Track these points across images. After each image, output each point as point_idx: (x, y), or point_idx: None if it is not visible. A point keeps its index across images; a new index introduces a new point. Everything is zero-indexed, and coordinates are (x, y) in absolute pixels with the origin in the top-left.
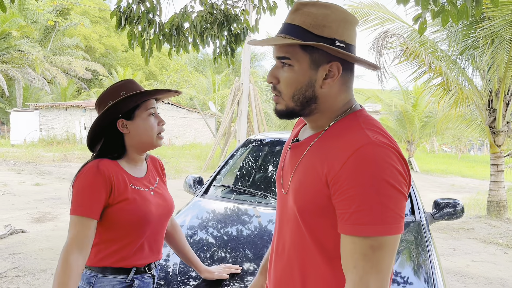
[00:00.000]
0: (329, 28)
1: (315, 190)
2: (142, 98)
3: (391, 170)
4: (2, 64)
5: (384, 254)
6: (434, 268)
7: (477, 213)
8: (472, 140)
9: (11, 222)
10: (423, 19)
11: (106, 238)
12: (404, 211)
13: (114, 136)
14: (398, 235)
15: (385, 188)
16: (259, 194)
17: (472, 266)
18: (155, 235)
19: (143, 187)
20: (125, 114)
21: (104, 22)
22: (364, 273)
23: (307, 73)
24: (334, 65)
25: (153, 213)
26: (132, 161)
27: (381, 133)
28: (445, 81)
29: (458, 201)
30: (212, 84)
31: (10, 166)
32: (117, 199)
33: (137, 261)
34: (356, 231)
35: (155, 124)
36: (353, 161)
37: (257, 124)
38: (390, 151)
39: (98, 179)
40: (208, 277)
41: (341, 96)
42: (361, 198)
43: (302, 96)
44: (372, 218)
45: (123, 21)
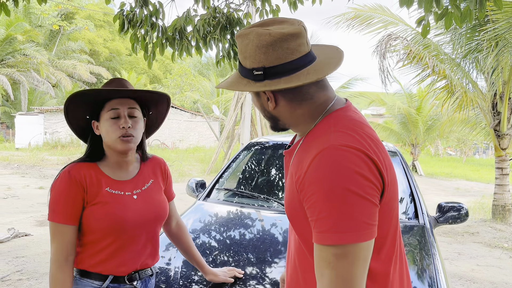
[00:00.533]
0: (250, 58)
1: (292, 198)
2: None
3: (350, 174)
4: (7, 68)
5: (349, 263)
6: (438, 273)
7: (482, 217)
8: (477, 143)
9: (15, 225)
10: (426, 22)
11: (83, 241)
12: (370, 216)
13: (94, 137)
14: (362, 243)
15: (344, 194)
16: (262, 198)
17: (477, 271)
18: (136, 242)
19: (124, 190)
20: (94, 115)
21: (109, 26)
22: (330, 282)
23: (257, 100)
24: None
25: (129, 218)
26: (114, 163)
27: (349, 133)
28: (449, 84)
29: (462, 205)
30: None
31: (15, 169)
32: (90, 203)
33: (115, 269)
34: (319, 239)
35: (114, 126)
36: (313, 167)
37: (260, 127)
38: (352, 154)
39: (71, 185)
40: (213, 279)
41: (298, 110)
42: (320, 206)
43: (267, 116)
44: (332, 226)
45: (126, 25)
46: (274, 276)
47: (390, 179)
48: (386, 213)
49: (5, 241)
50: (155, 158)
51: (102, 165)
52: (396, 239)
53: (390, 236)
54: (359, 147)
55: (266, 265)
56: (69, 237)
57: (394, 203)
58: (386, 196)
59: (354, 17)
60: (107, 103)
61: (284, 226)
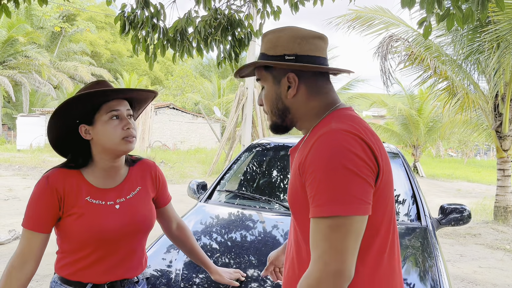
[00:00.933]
0: (281, 46)
1: (295, 183)
2: (100, 100)
3: (345, 153)
4: (9, 69)
5: (342, 234)
6: (441, 274)
7: (484, 219)
8: (478, 145)
9: (16, 227)
10: (427, 23)
11: (63, 249)
12: (364, 193)
13: (79, 143)
14: (356, 216)
15: (339, 170)
16: (263, 199)
17: (479, 272)
18: (117, 253)
19: (106, 200)
20: (85, 119)
21: (110, 28)
22: (323, 252)
23: (273, 88)
24: (290, 76)
25: (108, 229)
26: (100, 170)
27: (348, 122)
28: (450, 85)
29: (464, 207)
30: (217, 89)
31: (16, 171)
32: (66, 212)
33: (95, 277)
34: (315, 212)
35: (118, 127)
36: (314, 148)
37: (261, 128)
38: (349, 137)
39: (46, 192)
40: (218, 279)
41: (314, 101)
42: (319, 181)
43: (276, 109)
44: (328, 199)
45: (127, 26)
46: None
47: (384, 166)
48: (380, 201)
49: (6, 242)
50: (145, 162)
51: (86, 172)
52: (389, 233)
53: (383, 227)
54: (356, 132)
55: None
56: (33, 244)
57: (388, 192)
58: (380, 182)
59: (355, 18)
60: (104, 105)
61: (285, 228)
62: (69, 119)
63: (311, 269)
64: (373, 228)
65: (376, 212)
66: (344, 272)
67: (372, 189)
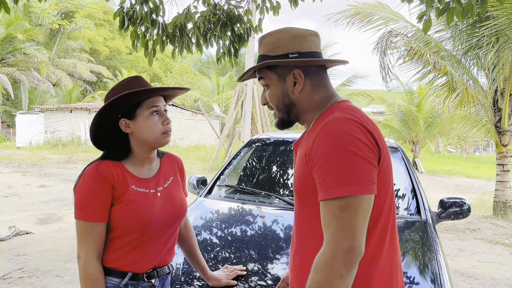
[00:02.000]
0: (283, 46)
1: (302, 171)
2: (143, 96)
3: (350, 138)
4: (7, 67)
5: (352, 213)
6: (441, 268)
7: (483, 214)
8: (478, 141)
9: (16, 223)
10: (427, 17)
11: (107, 237)
12: (369, 174)
13: (118, 136)
14: (364, 195)
15: (345, 154)
16: (263, 194)
17: (479, 267)
18: (158, 240)
19: (149, 188)
20: (127, 114)
21: (109, 25)
22: (335, 231)
23: (278, 86)
24: (295, 72)
25: (154, 216)
26: (138, 161)
27: (349, 112)
28: (450, 81)
29: (464, 201)
30: (216, 86)
31: (16, 168)
32: (117, 200)
33: (134, 265)
34: (325, 195)
35: (158, 122)
36: (319, 136)
37: (261, 125)
38: (351, 124)
39: (99, 182)
40: (216, 285)
41: (317, 94)
42: (326, 166)
43: (283, 105)
44: (336, 182)
45: (126, 22)
46: (276, 272)
47: (385, 151)
48: (382, 184)
49: (6, 239)
50: (171, 155)
51: (126, 163)
52: (390, 216)
53: (384, 213)
54: (358, 120)
55: (268, 261)
56: (100, 235)
57: (389, 177)
58: (382, 165)
59: (354, 14)
60: (145, 101)
61: (285, 222)
62: (112, 114)
63: (325, 248)
64: (377, 209)
65: (379, 193)
66: (356, 248)
67: (376, 170)
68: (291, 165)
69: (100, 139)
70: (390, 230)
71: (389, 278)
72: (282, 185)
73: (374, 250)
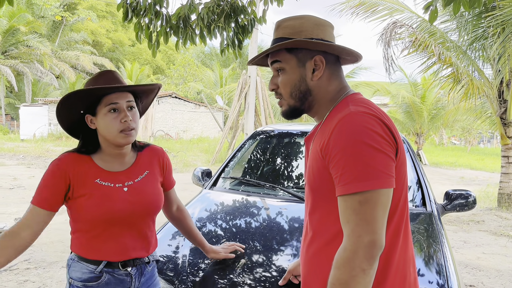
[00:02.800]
0: (306, 31)
1: (317, 167)
2: (100, 93)
3: (367, 132)
4: (10, 59)
5: (371, 207)
6: (447, 260)
7: (487, 206)
8: (482, 132)
9: (21, 215)
10: (434, 8)
11: (75, 228)
12: (388, 167)
13: (87, 131)
14: (383, 189)
15: (363, 148)
16: (268, 186)
17: (483, 259)
18: (129, 232)
19: (115, 182)
20: (89, 110)
21: (111, 17)
22: (355, 225)
23: (297, 70)
24: (317, 58)
25: (117, 209)
26: (108, 156)
27: (364, 105)
28: (455, 72)
29: (470, 192)
30: (219, 78)
31: (20, 160)
32: (76, 194)
33: (108, 256)
34: (344, 190)
35: (116, 120)
36: (336, 131)
37: (264, 117)
38: (368, 117)
39: (56, 173)
40: (214, 257)
41: (332, 85)
42: (344, 161)
43: (298, 91)
44: (355, 176)
45: (130, 13)
46: (280, 264)
47: (401, 144)
48: (398, 178)
49: None
50: (153, 148)
51: (96, 157)
52: (404, 213)
53: (400, 206)
54: (373, 113)
55: (272, 252)
56: (35, 218)
57: (404, 170)
58: (398, 158)
59: (358, 4)
60: (104, 97)
61: (289, 214)
62: (73, 110)
63: (345, 243)
64: (394, 202)
65: (396, 187)
66: (377, 242)
67: (394, 163)
68: (296, 157)
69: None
70: (404, 223)
71: (403, 270)
72: (287, 177)
73: (390, 243)
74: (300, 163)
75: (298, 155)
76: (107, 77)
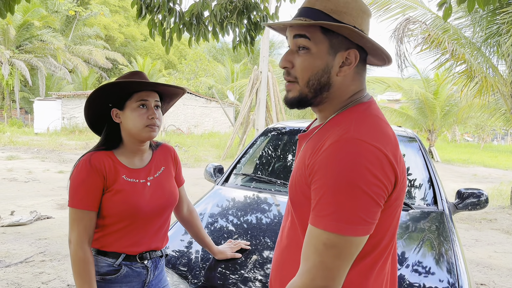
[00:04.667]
0: (350, 16)
1: (300, 180)
2: (133, 89)
3: (360, 169)
4: (25, 53)
5: (335, 253)
6: (457, 259)
7: (500, 204)
8: (496, 129)
9: (37, 208)
10: (448, 5)
11: (100, 223)
12: (370, 215)
13: (111, 125)
14: (353, 237)
15: (349, 188)
16: (279, 183)
17: (495, 257)
18: (149, 226)
19: (139, 178)
20: (117, 104)
21: (124, 12)
22: (313, 267)
23: (324, 57)
24: (352, 52)
25: (143, 205)
26: (130, 152)
27: (368, 128)
28: (468, 69)
29: (482, 191)
30: (231, 73)
31: (35, 154)
32: (107, 189)
33: (127, 248)
34: (314, 222)
35: (144, 116)
36: (326, 154)
37: (275, 113)
38: (366, 148)
39: (91, 173)
40: (222, 257)
41: (353, 86)
42: (324, 191)
43: (317, 82)
44: (330, 213)
45: (143, 10)
46: None
47: (401, 179)
48: (385, 218)
49: (28, 223)
50: (165, 146)
51: (118, 153)
52: (386, 249)
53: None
54: (378, 145)
55: None
56: (90, 222)
57: (399, 203)
58: (392, 197)
59: (371, 3)
60: (135, 94)
61: None
62: (103, 103)
63: (297, 279)
64: (370, 244)
65: (378, 228)
66: None
67: (380, 209)
68: None
69: (98, 126)
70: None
71: None
72: None
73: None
74: None
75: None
76: (139, 76)
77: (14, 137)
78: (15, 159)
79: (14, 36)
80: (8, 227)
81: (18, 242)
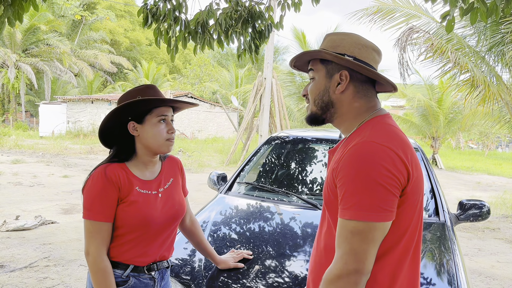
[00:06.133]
0: (342, 47)
1: (330, 184)
2: (154, 104)
3: (375, 166)
4: (31, 57)
5: (361, 239)
6: (458, 270)
7: (503, 213)
8: (500, 137)
9: (42, 213)
10: (451, 17)
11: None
12: (387, 203)
13: (126, 138)
14: (375, 223)
15: (367, 181)
16: (282, 192)
17: (498, 267)
18: (158, 237)
19: (151, 189)
20: (136, 117)
21: (129, 16)
22: (344, 253)
23: (323, 81)
24: (343, 73)
25: (155, 216)
26: (142, 164)
27: (382, 134)
28: (471, 78)
29: (484, 203)
30: (235, 78)
31: (40, 158)
32: (122, 201)
33: (135, 259)
34: (341, 214)
35: (164, 130)
36: (347, 156)
37: (279, 119)
38: (381, 149)
39: (107, 185)
40: (224, 267)
41: (356, 103)
42: (347, 187)
43: (321, 101)
44: (352, 204)
45: (149, 19)
46: (293, 270)
47: (415, 175)
48: (406, 210)
49: (32, 228)
50: (172, 157)
51: (130, 165)
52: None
53: (408, 235)
54: (389, 146)
55: (286, 258)
56: (107, 233)
57: (417, 198)
58: (408, 190)
59: (376, 11)
60: (155, 109)
61: (303, 220)
62: (123, 116)
63: (332, 266)
64: (396, 234)
65: (402, 218)
66: (361, 270)
67: (396, 198)
68: (310, 164)
69: (108, 138)
70: (411, 257)
71: None
72: (301, 183)
73: (393, 273)
74: (315, 170)
75: (313, 162)
76: (154, 90)
77: (19, 140)
78: (20, 163)
79: (21, 40)
80: (13, 231)
81: (22, 247)
